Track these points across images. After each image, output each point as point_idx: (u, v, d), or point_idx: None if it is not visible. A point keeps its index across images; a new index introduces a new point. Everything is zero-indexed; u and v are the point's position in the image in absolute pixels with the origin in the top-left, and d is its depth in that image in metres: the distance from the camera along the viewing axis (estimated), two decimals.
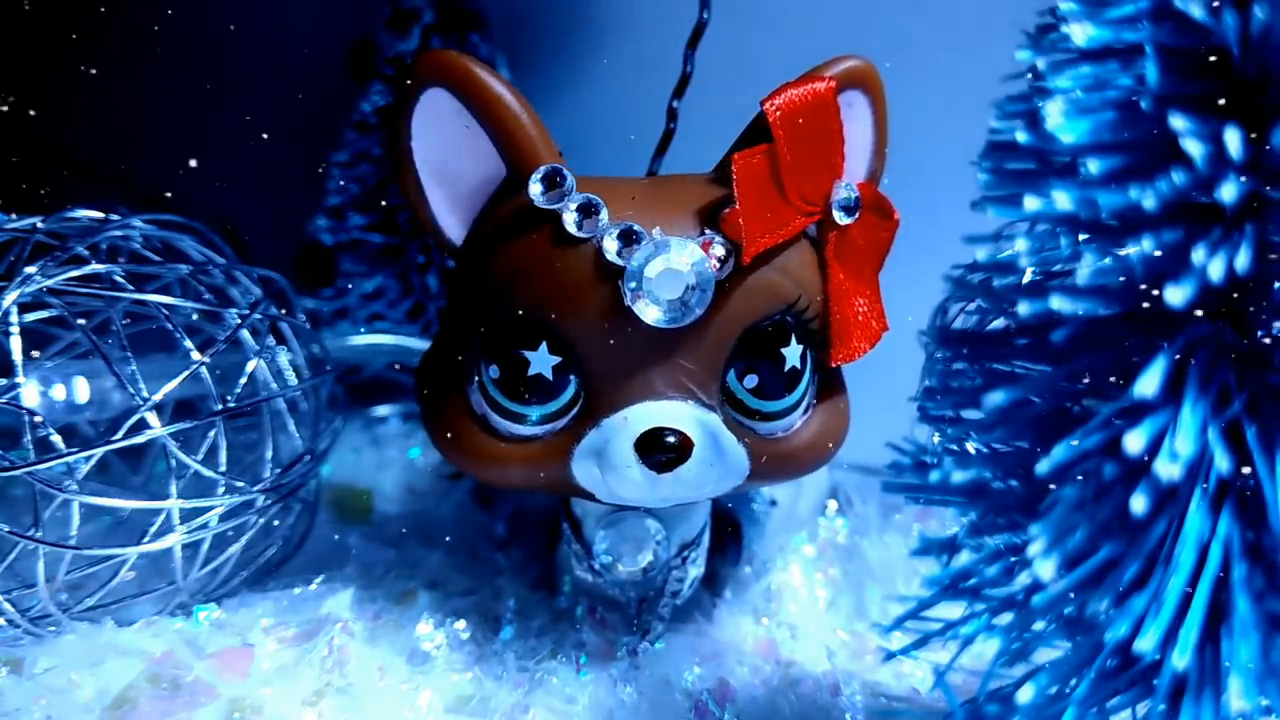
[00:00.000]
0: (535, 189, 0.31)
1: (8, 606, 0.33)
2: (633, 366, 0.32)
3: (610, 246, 0.30)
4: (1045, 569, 0.21)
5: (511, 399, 0.33)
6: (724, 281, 0.31)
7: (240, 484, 0.36)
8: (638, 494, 0.32)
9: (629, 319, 0.31)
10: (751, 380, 0.33)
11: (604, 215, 0.31)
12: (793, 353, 0.33)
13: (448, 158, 0.34)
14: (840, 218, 0.32)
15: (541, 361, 0.32)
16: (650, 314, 0.30)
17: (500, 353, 0.32)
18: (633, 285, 0.30)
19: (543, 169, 0.31)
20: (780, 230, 0.31)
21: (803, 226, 0.32)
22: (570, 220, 0.31)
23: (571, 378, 0.32)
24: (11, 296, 0.33)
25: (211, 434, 0.36)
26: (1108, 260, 0.21)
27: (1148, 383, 0.20)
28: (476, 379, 0.33)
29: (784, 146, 0.31)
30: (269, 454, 0.38)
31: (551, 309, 0.31)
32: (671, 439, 0.31)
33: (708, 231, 0.31)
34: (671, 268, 0.30)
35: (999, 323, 0.26)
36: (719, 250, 0.31)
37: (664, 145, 0.40)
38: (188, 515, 0.35)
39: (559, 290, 0.31)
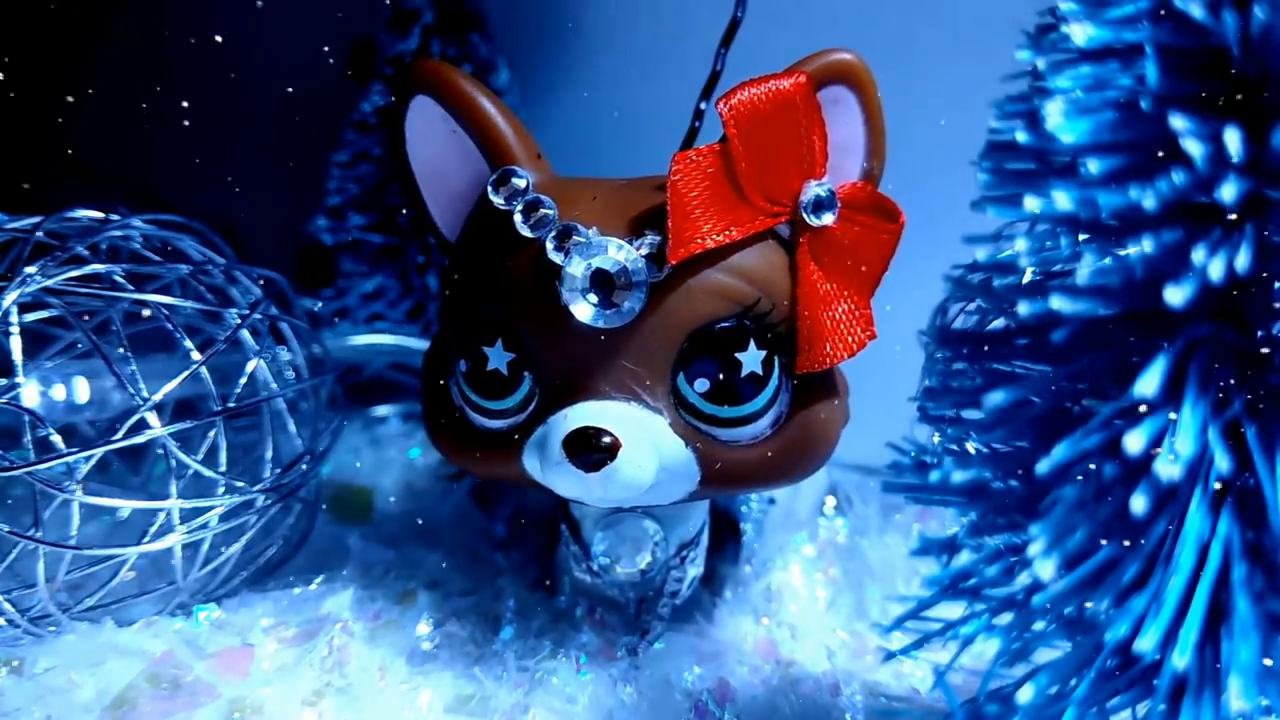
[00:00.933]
0: (489, 190, 0.32)
1: (8, 606, 0.33)
2: (577, 365, 0.32)
3: (549, 246, 0.31)
4: (1045, 569, 0.21)
5: (476, 393, 0.33)
6: (666, 283, 0.31)
7: (240, 484, 0.36)
8: (574, 491, 0.32)
9: (571, 319, 0.31)
10: (702, 384, 0.32)
11: (552, 215, 0.31)
12: (751, 358, 0.32)
13: (438, 162, 0.35)
14: (809, 217, 0.32)
15: (498, 357, 0.33)
16: (583, 313, 0.31)
17: (466, 348, 0.33)
18: (567, 284, 0.31)
19: (497, 172, 0.32)
20: (732, 230, 0.31)
21: (764, 227, 0.31)
22: (519, 220, 0.32)
23: (526, 374, 0.33)
24: (11, 296, 0.33)
25: (211, 434, 0.36)
26: (1108, 260, 0.21)
27: (1148, 383, 0.20)
28: (455, 373, 0.34)
29: (738, 145, 0.30)
30: (269, 454, 0.38)
31: (504, 306, 0.32)
32: (604, 439, 0.30)
33: (647, 232, 0.31)
34: (599, 267, 0.30)
35: (999, 323, 0.26)
36: (648, 249, 0.31)
37: (688, 144, 0.40)
38: (188, 515, 0.35)
39: (510, 288, 0.32)
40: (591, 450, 0.31)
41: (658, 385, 0.32)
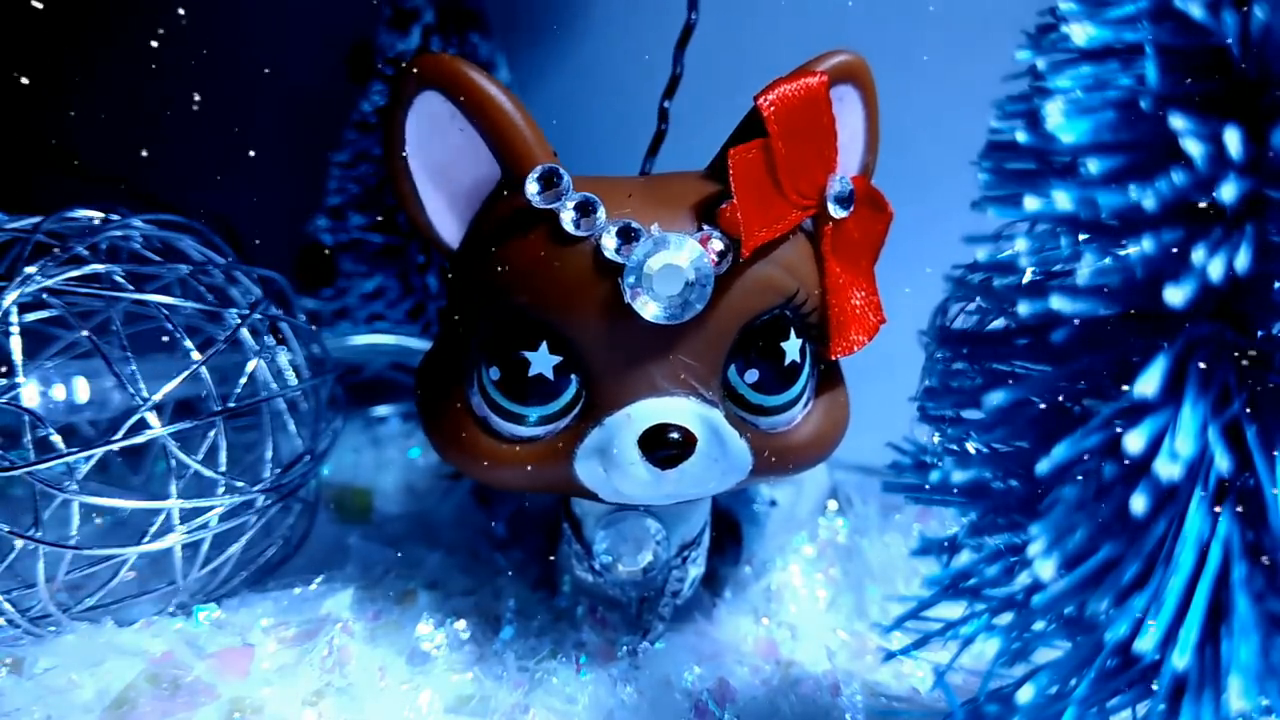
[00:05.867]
0: (532, 189, 0.31)
1: (8, 606, 0.33)
2: (634, 364, 0.32)
3: (609, 244, 0.31)
4: (1045, 569, 0.21)
5: (513, 400, 0.33)
6: (723, 276, 0.31)
7: (240, 484, 0.36)
8: (642, 491, 0.32)
9: (629, 316, 0.31)
10: (752, 375, 0.33)
11: (601, 213, 0.31)
12: (792, 347, 0.33)
13: (443, 161, 0.34)
14: (835, 211, 0.33)
15: (542, 361, 0.32)
16: (650, 310, 0.31)
17: (500, 354, 0.32)
18: (632, 282, 0.30)
19: (540, 169, 0.31)
20: (777, 224, 0.31)
21: (799, 220, 0.32)
22: (568, 219, 0.31)
23: (573, 377, 0.32)
24: (11, 296, 0.33)
25: (211, 434, 0.36)
26: (1108, 260, 0.21)
27: (1148, 383, 0.20)
28: (476, 381, 0.33)
29: (779, 141, 0.31)
30: (269, 454, 0.38)
31: (551, 308, 0.32)
32: (675, 435, 0.31)
33: (705, 227, 0.31)
34: (671, 263, 0.30)
35: (999, 323, 0.26)
36: (717, 245, 0.31)
37: (656, 145, 0.40)
38: (188, 515, 0.35)
39: (558, 289, 0.31)
40: (669, 446, 0.31)
41: (712, 378, 0.32)
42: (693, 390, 0.32)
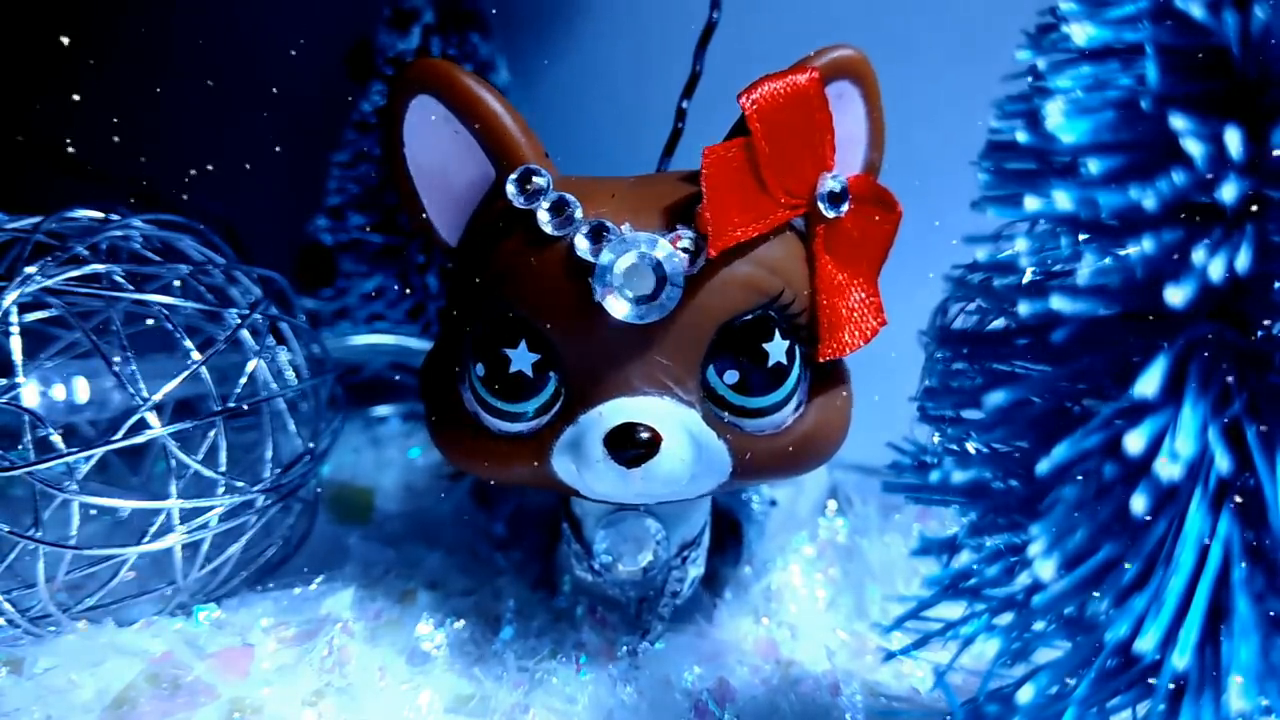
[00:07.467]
0: (510, 189, 0.32)
1: (8, 606, 0.33)
2: (609, 363, 0.32)
3: (581, 243, 0.31)
4: (1045, 569, 0.21)
5: (496, 396, 0.33)
6: (696, 276, 0.31)
7: (240, 484, 0.36)
8: (611, 489, 0.32)
9: (602, 315, 0.31)
10: (732, 376, 0.32)
11: (578, 213, 0.31)
12: (777, 348, 0.32)
13: (439, 163, 0.34)
14: (826, 210, 0.32)
15: (522, 359, 0.32)
16: (619, 309, 0.31)
17: (485, 351, 0.33)
18: (602, 281, 0.31)
19: (517, 170, 0.32)
20: (758, 223, 0.31)
21: (785, 219, 0.32)
22: (544, 218, 0.31)
23: (551, 375, 0.32)
24: (11, 296, 0.33)
25: (211, 434, 0.36)
26: (1108, 260, 0.21)
27: (1148, 383, 0.20)
28: (468, 378, 0.34)
29: (761, 139, 0.31)
30: (269, 454, 0.38)
31: (529, 306, 0.32)
32: (643, 434, 0.31)
33: (679, 226, 0.31)
34: (638, 262, 0.30)
35: (999, 323, 0.26)
36: (686, 244, 0.31)
37: (672, 145, 0.40)
38: (188, 515, 0.35)
39: (535, 288, 0.32)
40: (634, 445, 0.31)
41: (688, 378, 0.32)
42: (668, 390, 0.32)
